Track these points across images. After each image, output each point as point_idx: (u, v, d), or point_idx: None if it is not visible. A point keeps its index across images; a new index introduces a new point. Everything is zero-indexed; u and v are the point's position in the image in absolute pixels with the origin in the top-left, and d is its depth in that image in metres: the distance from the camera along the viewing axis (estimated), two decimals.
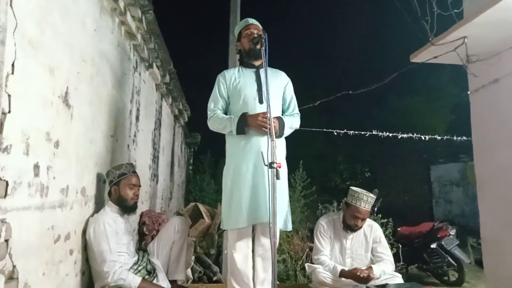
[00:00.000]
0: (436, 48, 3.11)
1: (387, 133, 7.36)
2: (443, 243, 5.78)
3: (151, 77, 4.66)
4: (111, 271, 2.37)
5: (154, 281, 2.61)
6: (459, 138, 8.27)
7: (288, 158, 2.80)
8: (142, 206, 4.13)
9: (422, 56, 3.32)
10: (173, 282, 2.86)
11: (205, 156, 11.38)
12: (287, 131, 2.71)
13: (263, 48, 2.50)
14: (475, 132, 3.33)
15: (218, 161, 10.42)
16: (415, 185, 13.48)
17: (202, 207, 5.22)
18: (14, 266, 1.63)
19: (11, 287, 1.60)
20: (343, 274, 2.90)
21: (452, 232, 5.94)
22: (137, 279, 2.43)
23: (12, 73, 1.58)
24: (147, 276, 2.59)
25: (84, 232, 2.47)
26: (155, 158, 5.17)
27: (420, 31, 3.24)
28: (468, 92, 3.43)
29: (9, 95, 1.56)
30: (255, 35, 2.64)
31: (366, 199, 2.99)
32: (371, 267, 2.89)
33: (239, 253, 2.61)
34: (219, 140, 2.88)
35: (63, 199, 2.14)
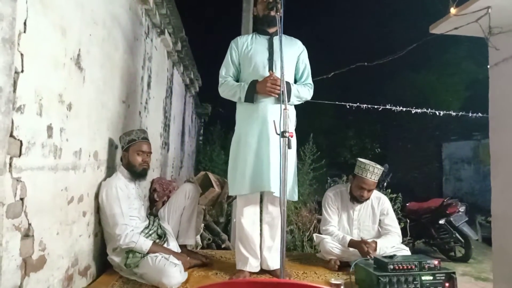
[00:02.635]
0: (457, 19, 2.98)
1: (401, 108, 7.22)
2: (451, 219, 5.79)
3: (162, 44, 4.60)
4: (123, 234, 2.42)
5: (165, 245, 2.66)
6: (474, 114, 8.11)
7: (298, 131, 2.77)
8: (153, 174, 4.17)
9: (442, 27, 3.19)
10: (183, 247, 2.91)
11: (215, 127, 11.38)
12: (293, 100, 2.66)
13: (278, 14, 2.43)
14: (492, 107, 3.24)
15: (228, 133, 10.42)
16: (426, 161, 13.39)
17: (212, 176, 5.25)
18: (29, 224, 1.66)
19: (27, 244, 1.65)
20: (351, 244, 2.93)
21: (462, 209, 5.94)
22: (148, 243, 2.48)
23: (24, 31, 1.56)
24: (157, 240, 2.64)
25: (96, 195, 2.51)
26: (166, 127, 5.18)
27: (441, 3, 3.12)
28: (488, 66, 3.32)
29: (21, 54, 1.55)
30: (271, 1, 2.56)
31: (372, 170, 2.99)
32: (376, 242, 2.88)
33: (247, 219, 2.66)
34: (229, 111, 2.86)
35: (76, 161, 2.16)
